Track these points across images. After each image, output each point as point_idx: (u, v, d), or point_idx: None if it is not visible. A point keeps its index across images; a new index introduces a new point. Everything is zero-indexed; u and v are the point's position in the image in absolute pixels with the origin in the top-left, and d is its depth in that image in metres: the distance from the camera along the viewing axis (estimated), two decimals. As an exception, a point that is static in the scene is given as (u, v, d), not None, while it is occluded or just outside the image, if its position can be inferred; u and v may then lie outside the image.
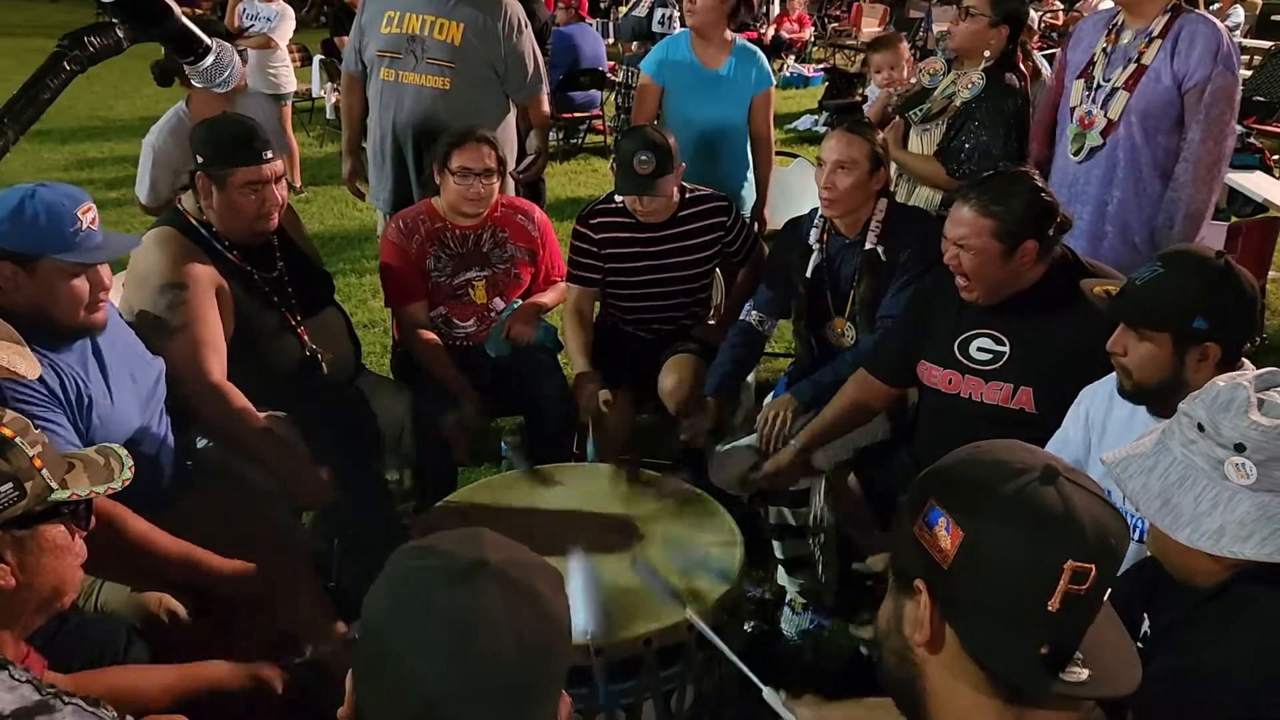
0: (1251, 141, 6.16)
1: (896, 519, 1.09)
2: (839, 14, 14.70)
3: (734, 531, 2.21)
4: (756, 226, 3.43)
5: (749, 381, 3.26)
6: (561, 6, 8.22)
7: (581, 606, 1.83)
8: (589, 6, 10.32)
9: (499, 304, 3.08)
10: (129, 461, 1.46)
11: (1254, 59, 8.96)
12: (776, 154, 3.81)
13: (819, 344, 2.88)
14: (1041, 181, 2.20)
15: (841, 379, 2.56)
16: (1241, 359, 1.74)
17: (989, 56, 3.03)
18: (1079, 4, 9.40)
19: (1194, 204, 2.72)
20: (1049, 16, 10.35)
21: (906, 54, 4.00)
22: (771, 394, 2.90)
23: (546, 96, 3.67)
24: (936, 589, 1.02)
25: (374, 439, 2.75)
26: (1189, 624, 1.37)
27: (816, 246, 2.76)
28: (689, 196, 3.01)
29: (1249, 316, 1.73)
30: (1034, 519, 0.97)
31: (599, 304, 3.17)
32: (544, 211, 3.30)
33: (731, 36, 3.51)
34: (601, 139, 8.74)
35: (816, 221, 2.77)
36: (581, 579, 1.94)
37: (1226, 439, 1.31)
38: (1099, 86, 2.80)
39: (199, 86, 2.02)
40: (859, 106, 9.68)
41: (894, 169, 3.33)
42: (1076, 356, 2.07)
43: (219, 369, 2.30)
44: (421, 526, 2.24)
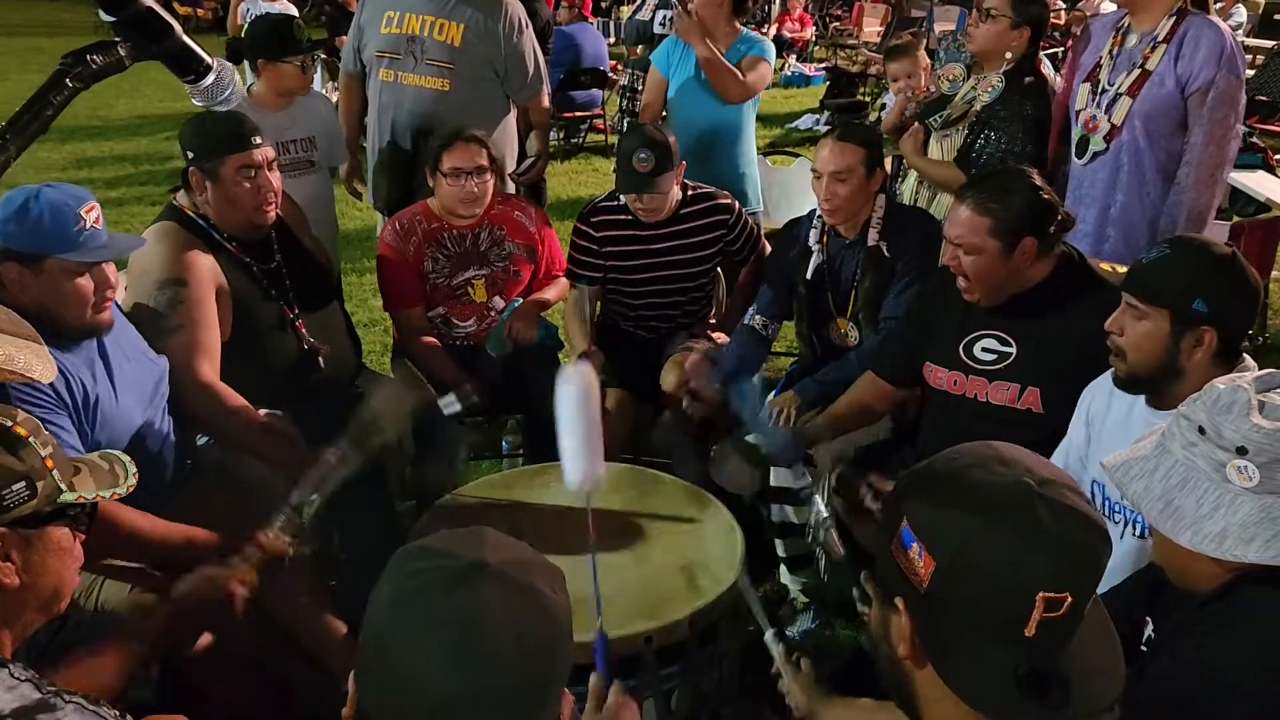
0: (1254, 141, 6.15)
1: (877, 529, 1.09)
2: (840, 14, 14.69)
3: (734, 529, 2.21)
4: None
5: (754, 382, 3.25)
6: (564, 5, 8.22)
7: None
8: (591, 5, 10.32)
9: (499, 303, 3.07)
10: (133, 469, 1.47)
11: (1256, 58, 8.95)
12: (777, 154, 3.81)
13: (822, 344, 2.88)
14: (1041, 180, 2.19)
15: (844, 377, 2.56)
16: (1242, 355, 1.74)
17: (1010, 59, 3.00)
18: (1080, 4, 9.37)
19: (1196, 207, 2.70)
20: (1049, 16, 10.31)
21: (924, 61, 3.96)
22: (774, 392, 2.89)
23: (547, 96, 3.67)
24: (914, 609, 1.03)
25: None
26: (1191, 627, 1.37)
27: (816, 248, 2.76)
28: (691, 195, 3.00)
29: (1249, 308, 1.73)
30: (1005, 551, 0.97)
31: (600, 303, 3.17)
32: (545, 212, 3.29)
33: (738, 28, 3.49)
34: (603, 138, 8.74)
35: (816, 223, 2.76)
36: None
37: (1228, 442, 1.30)
38: (1104, 91, 2.78)
39: (200, 105, 2.04)
40: (860, 106, 9.74)
41: (914, 176, 3.32)
42: (1083, 356, 2.05)
43: (211, 369, 2.29)
44: (422, 526, 2.23)
